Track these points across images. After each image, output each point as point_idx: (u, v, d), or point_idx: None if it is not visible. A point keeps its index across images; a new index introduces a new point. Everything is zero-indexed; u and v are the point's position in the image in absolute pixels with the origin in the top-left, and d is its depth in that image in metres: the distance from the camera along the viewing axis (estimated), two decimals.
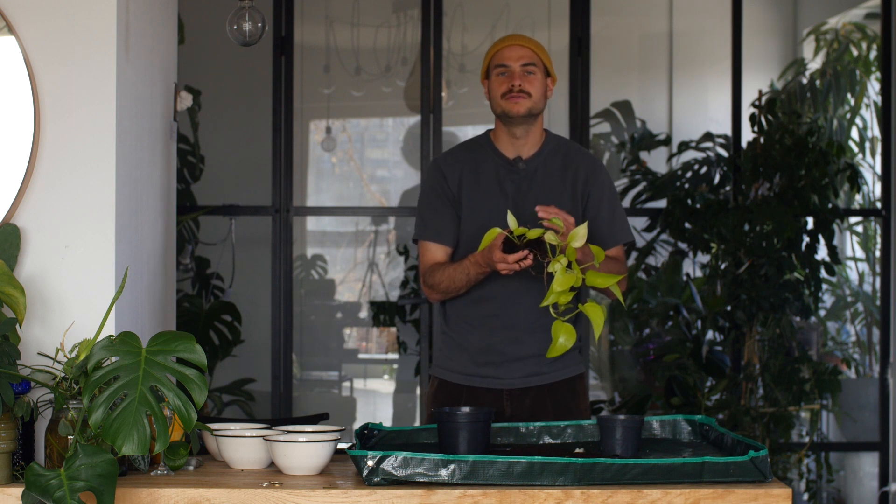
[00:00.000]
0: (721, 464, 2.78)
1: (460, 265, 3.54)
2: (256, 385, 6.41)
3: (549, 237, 3.21)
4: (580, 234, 3.18)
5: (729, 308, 5.83)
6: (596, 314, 3.15)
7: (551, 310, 3.22)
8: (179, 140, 5.64)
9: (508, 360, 3.61)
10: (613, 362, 6.74)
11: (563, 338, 3.19)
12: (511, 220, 3.27)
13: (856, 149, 6.89)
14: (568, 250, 3.17)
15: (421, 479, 2.77)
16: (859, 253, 6.93)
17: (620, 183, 6.66)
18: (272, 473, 2.94)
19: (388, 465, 2.76)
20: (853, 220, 6.88)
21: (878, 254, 6.68)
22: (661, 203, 6.25)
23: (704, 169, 6.23)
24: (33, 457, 2.99)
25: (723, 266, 5.86)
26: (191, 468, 2.99)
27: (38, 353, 3.02)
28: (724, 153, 6.28)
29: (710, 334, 6.07)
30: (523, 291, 3.55)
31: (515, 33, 3.74)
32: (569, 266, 3.17)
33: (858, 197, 6.76)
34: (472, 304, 3.62)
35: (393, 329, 6.96)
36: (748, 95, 6.20)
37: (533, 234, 3.25)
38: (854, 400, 6.43)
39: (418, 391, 6.51)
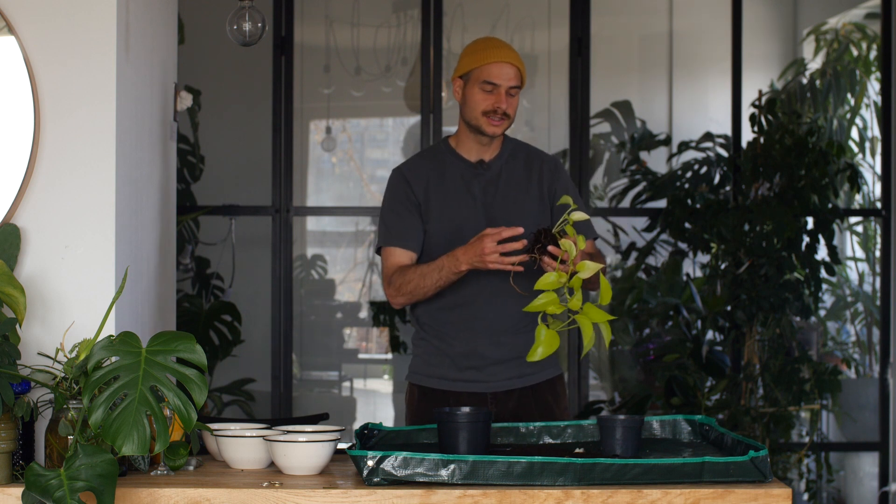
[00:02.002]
0: (721, 464, 2.78)
1: (433, 262, 3.51)
2: (256, 385, 6.41)
3: (566, 245, 3.17)
4: (589, 267, 3.14)
5: (729, 308, 5.83)
6: (588, 327, 3.10)
7: (540, 319, 3.17)
8: (179, 140, 5.64)
9: (491, 364, 3.60)
10: (613, 362, 6.74)
11: (545, 343, 3.14)
12: (578, 216, 3.20)
13: (856, 149, 6.89)
14: (574, 279, 3.15)
15: (421, 479, 2.77)
16: (859, 253, 6.94)
17: (620, 183, 6.66)
18: (272, 473, 2.94)
19: (388, 465, 2.76)
20: (853, 220, 6.88)
21: (878, 254, 6.68)
22: (661, 203, 6.25)
23: (704, 169, 6.23)
24: (33, 457, 2.99)
25: (723, 266, 5.86)
26: (191, 468, 2.99)
27: (38, 353, 3.02)
28: (724, 153, 6.28)
29: (710, 334, 6.07)
30: (503, 294, 3.52)
31: (503, 45, 3.64)
32: (571, 291, 3.14)
33: (858, 197, 6.76)
34: (451, 309, 3.61)
35: (391, 329, 6.96)
36: (748, 95, 6.20)
37: (568, 235, 3.20)
38: (854, 400, 6.43)
39: None
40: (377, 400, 7.32)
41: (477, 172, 3.65)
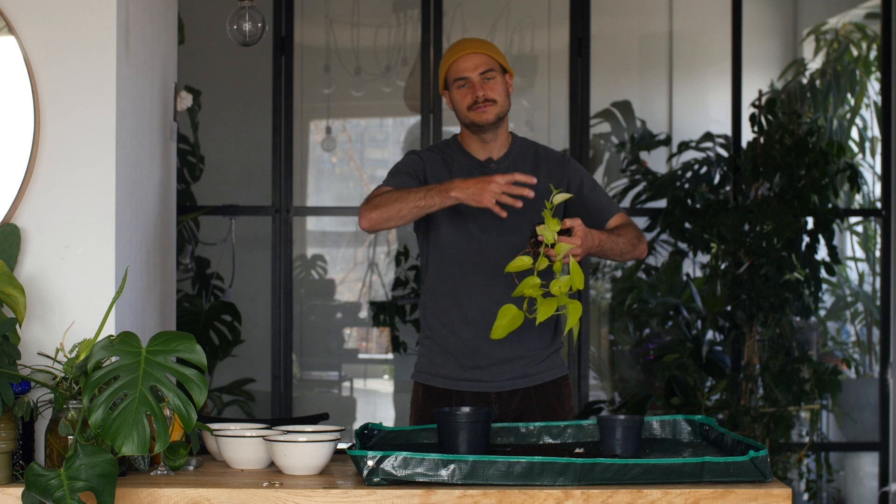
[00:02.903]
0: (721, 464, 2.78)
1: (422, 187, 3.45)
2: (256, 385, 6.41)
3: (542, 230, 3.18)
4: (563, 249, 3.17)
5: (729, 308, 5.83)
6: (548, 309, 3.11)
7: (525, 306, 3.19)
8: (179, 140, 5.64)
9: (495, 363, 3.60)
10: (613, 362, 6.74)
11: (508, 322, 3.16)
12: (560, 198, 3.22)
13: (856, 149, 6.89)
14: (556, 265, 3.17)
15: (421, 479, 2.77)
16: (859, 253, 6.94)
17: (620, 183, 6.66)
18: (272, 473, 2.94)
19: (388, 465, 2.76)
20: (853, 220, 6.88)
21: (878, 254, 6.68)
22: (661, 203, 6.25)
23: (704, 169, 6.23)
24: (33, 457, 2.99)
25: (723, 266, 5.86)
26: (191, 468, 2.99)
27: (38, 353, 3.02)
28: (724, 153, 6.28)
29: (710, 334, 6.07)
30: (507, 294, 3.52)
31: (466, 39, 3.67)
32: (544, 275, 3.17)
33: (858, 197, 6.76)
34: (456, 307, 3.61)
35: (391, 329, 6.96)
36: (748, 95, 6.20)
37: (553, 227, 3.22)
38: (854, 400, 6.43)
39: None
40: (377, 400, 7.32)
41: (485, 171, 3.65)
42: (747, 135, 6.14)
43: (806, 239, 5.84)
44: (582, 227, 3.28)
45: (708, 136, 6.38)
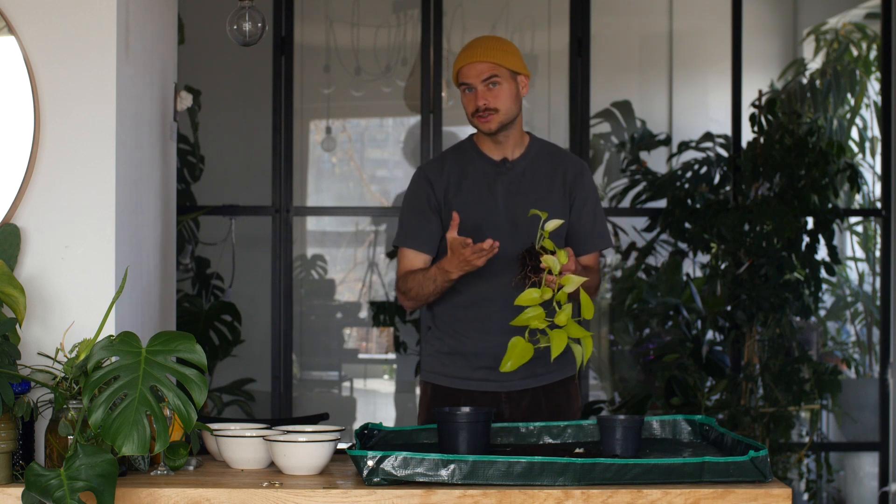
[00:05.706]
0: (721, 464, 2.78)
1: (427, 271, 3.56)
2: (256, 385, 6.41)
3: (548, 261, 3.21)
4: (574, 281, 3.18)
5: (729, 308, 5.83)
6: (558, 343, 3.14)
7: (527, 335, 3.22)
8: (179, 140, 5.64)
9: None
10: (613, 362, 6.74)
11: (516, 356, 3.20)
12: (552, 225, 3.25)
13: (856, 149, 6.89)
14: (560, 294, 3.18)
15: (421, 479, 2.77)
16: (859, 253, 6.94)
17: (620, 183, 6.66)
18: (272, 473, 2.94)
19: (388, 465, 2.76)
20: (853, 220, 6.88)
21: (878, 254, 6.68)
22: (661, 203, 6.25)
23: (704, 169, 6.23)
24: (33, 457, 2.99)
25: (723, 266, 5.86)
26: (191, 468, 2.99)
27: (38, 353, 3.02)
28: (724, 153, 6.28)
29: (710, 334, 6.07)
30: (518, 295, 3.52)
31: (475, 44, 3.65)
32: (559, 304, 3.19)
33: (858, 197, 6.76)
34: (466, 307, 3.61)
35: (392, 329, 6.96)
36: (748, 95, 6.21)
37: (548, 244, 3.25)
38: (854, 400, 6.43)
39: (418, 391, 6.51)
40: (377, 400, 7.32)
41: (500, 171, 3.65)
42: (747, 135, 6.14)
43: (806, 239, 5.84)
44: (571, 265, 3.28)
45: (708, 136, 6.38)
